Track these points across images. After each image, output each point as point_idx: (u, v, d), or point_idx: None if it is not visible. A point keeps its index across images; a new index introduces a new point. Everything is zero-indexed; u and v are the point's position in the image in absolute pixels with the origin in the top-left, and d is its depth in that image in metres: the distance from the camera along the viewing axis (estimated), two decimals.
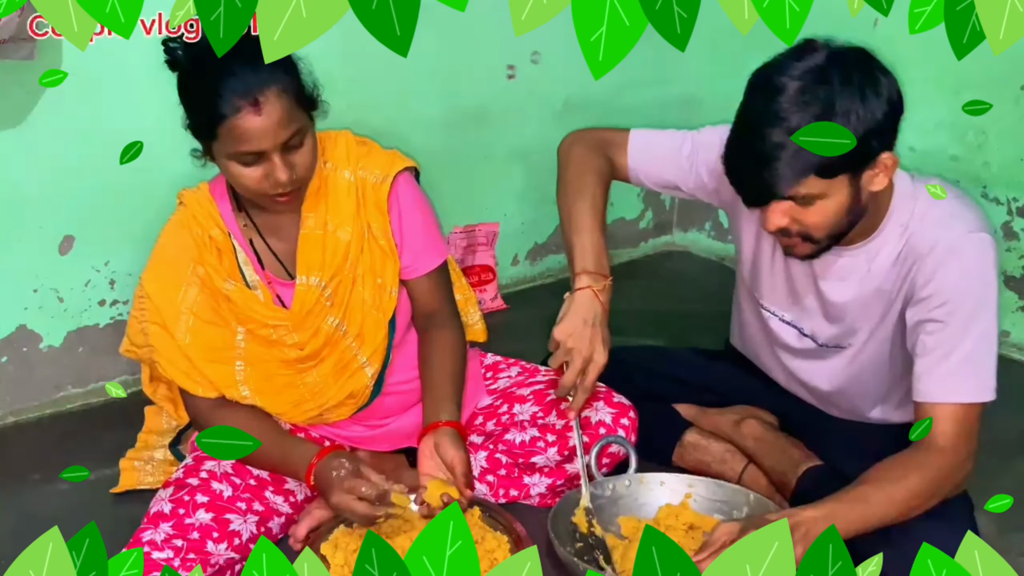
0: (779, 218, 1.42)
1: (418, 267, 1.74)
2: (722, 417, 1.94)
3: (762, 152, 1.34)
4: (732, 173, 1.43)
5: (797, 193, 1.37)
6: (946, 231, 1.48)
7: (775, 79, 1.35)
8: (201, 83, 1.46)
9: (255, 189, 1.52)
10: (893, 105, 1.38)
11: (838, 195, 1.39)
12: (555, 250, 3.19)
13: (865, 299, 1.61)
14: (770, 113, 1.33)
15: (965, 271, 1.47)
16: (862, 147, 1.34)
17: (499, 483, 1.84)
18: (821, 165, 1.33)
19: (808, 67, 1.34)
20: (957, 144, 2.58)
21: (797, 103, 1.32)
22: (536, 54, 2.87)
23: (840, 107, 1.32)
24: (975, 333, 1.47)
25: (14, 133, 2.07)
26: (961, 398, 1.46)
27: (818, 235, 1.45)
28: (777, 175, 1.35)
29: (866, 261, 1.57)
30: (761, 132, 1.34)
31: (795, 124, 1.32)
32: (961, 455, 1.46)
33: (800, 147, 1.30)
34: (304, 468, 1.59)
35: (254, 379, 1.68)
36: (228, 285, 1.63)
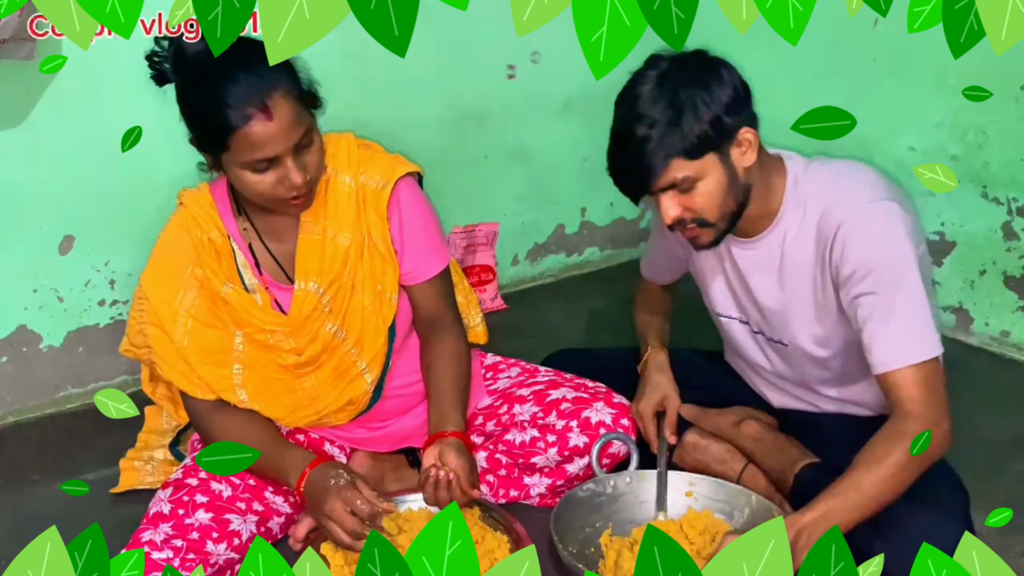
0: (671, 209, 1.54)
1: (420, 273, 1.72)
2: (721, 417, 1.94)
3: (631, 148, 1.51)
4: (616, 178, 1.58)
5: (673, 179, 1.51)
6: (847, 208, 1.55)
7: (632, 90, 1.53)
8: (204, 94, 1.43)
9: (270, 195, 1.50)
10: (737, 88, 1.53)
11: (713, 175, 1.52)
12: (555, 250, 3.20)
13: (793, 288, 1.66)
14: (632, 116, 1.51)
15: (874, 240, 1.52)
16: (716, 126, 1.49)
17: (499, 483, 1.84)
18: (684, 148, 1.49)
19: (656, 73, 1.52)
20: (957, 144, 2.58)
21: (651, 100, 1.50)
22: (536, 54, 2.87)
23: (685, 96, 1.49)
24: (904, 295, 1.51)
25: (14, 133, 2.07)
26: (913, 359, 1.49)
27: (711, 217, 1.55)
28: (648, 164, 1.50)
29: (777, 247, 1.65)
30: (627, 133, 1.51)
31: (654, 118, 1.49)
32: (934, 414, 1.47)
33: (663, 136, 1.48)
34: (296, 474, 1.56)
35: (252, 383, 1.67)
36: (226, 288, 1.63)
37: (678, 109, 1.48)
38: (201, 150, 1.52)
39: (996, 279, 2.59)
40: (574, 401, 1.81)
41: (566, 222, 3.20)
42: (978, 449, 1.95)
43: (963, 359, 2.43)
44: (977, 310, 2.63)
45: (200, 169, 1.57)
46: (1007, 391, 2.35)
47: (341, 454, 1.84)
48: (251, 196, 1.54)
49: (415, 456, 1.87)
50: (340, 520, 1.48)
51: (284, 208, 1.55)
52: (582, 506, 1.70)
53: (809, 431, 1.84)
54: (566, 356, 2.10)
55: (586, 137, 3.08)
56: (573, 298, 3.01)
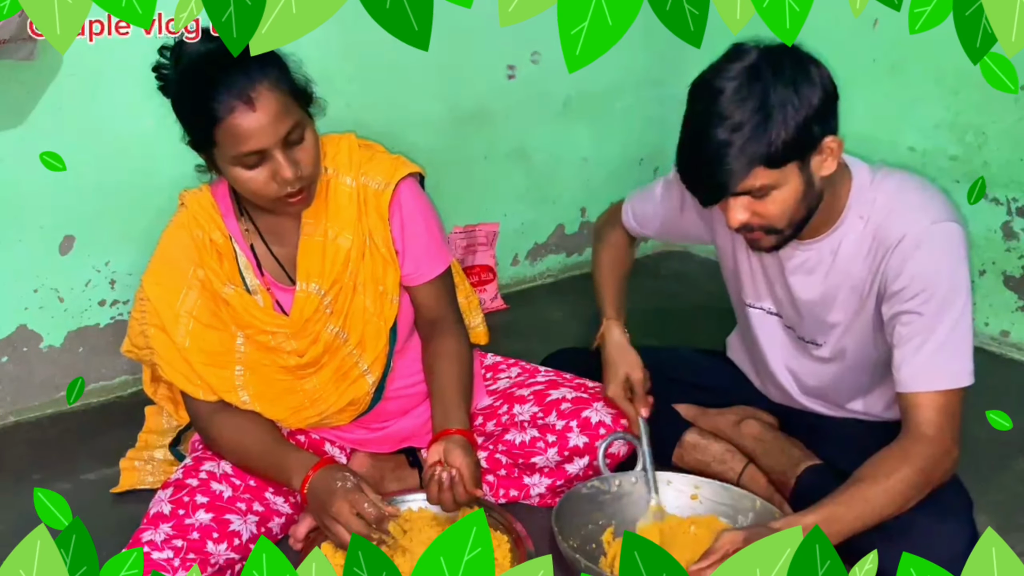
0: (740, 214, 1.47)
1: (421, 274, 1.72)
2: (722, 417, 1.94)
3: (710, 151, 1.40)
4: (686, 177, 1.49)
5: (751, 186, 1.42)
6: (911, 223, 1.51)
7: (713, 83, 1.41)
8: (191, 92, 1.45)
9: (264, 193, 1.50)
10: (827, 91, 1.43)
11: (791, 183, 1.44)
12: (555, 250, 3.20)
13: (835, 293, 1.64)
14: (712, 114, 1.40)
15: (933, 261, 1.49)
16: (803, 134, 1.40)
17: (499, 483, 1.84)
18: (767, 156, 1.39)
19: (742, 67, 1.40)
20: (957, 144, 2.58)
21: (735, 101, 1.39)
22: (536, 54, 2.87)
23: (776, 99, 1.38)
24: (949, 321, 1.49)
25: (14, 133, 2.07)
26: (940, 385, 1.48)
27: (779, 225, 1.49)
28: (727, 171, 1.40)
29: (829, 253, 1.61)
30: (707, 133, 1.40)
31: (737, 120, 1.38)
32: (947, 442, 1.48)
33: (746, 141, 1.37)
34: (300, 475, 1.55)
35: (253, 384, 1.67)
36: (228, 289, 1.62)
37: (766, 114, 1.37)
38: (195, 149, 1.52)
39: (996, 279, 2.59)
40: (574, 401, 1.81)
41: (566, 222, 3.20)
42: (978, 449, 1.95)
43: None
44: (977, 310, 2.63)
45: (198, 171, 1.57)
46: (1007, 391, 2.35)
47: (341, 454, 1.84)
48: (247, 195, 1.54)
49: (415, 456, 1.87)
50: (347, 522, 1.48)
51: (283, 208, 1.55)
52: (585, 502, 1.70)
53: (810, 431, 1.84)
54: (566, 356, 2.10)
55: (586, 137, 3.09)
56: (573, 298, 3.01)
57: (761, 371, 1.91)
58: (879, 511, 1.42)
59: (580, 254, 3.25)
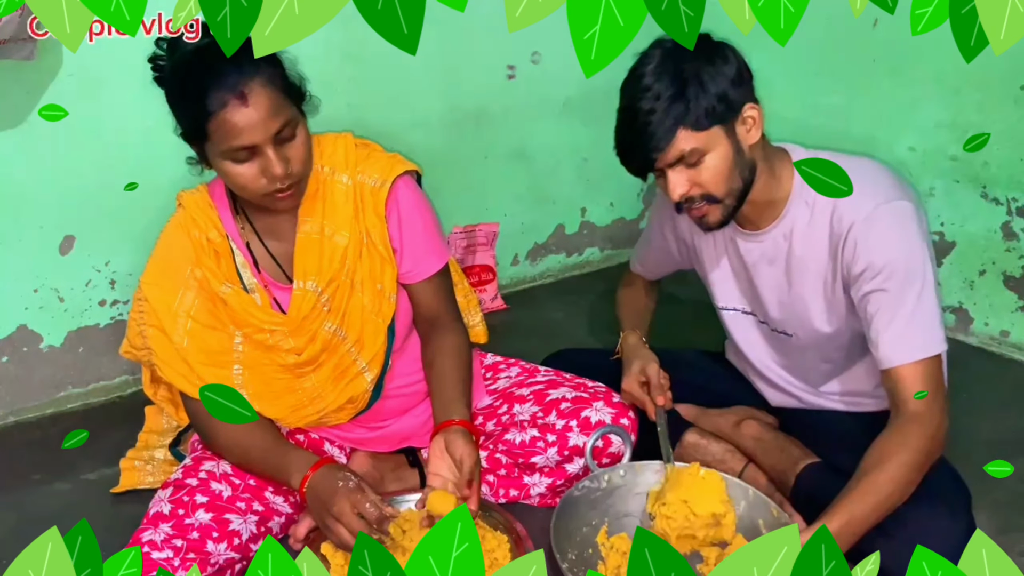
0: (679, 185, 1.56)
1: (419, 271, 1.73)
2: (722, 417, 1.94)
3: (637, 122, 1.53)
4: (621, 152, 1.60)
5: (681, 151, 1.52)
6: (858, 208, 1.56)
7: (636, 70, 1.55)
8: (186, 85, 1.45)
9: (253, 188, 1.51)
10: (740, 66, 1.54)
11: (719, 149, 1.53)
12: (555, 250, 3.20)
13: (800, 280, 1.67)
14: (637, 91, 1.53)
15: (887, 240, 1.54)
16: (721, 99, 1.51)
17: (499, 483, 1.84)
18: (688, 118, 1.50)
19: (658, 52, 1.54)
20: (957, 144, 2.58)
21: (654, 76, 1.52)
22: (536, 54, 2.87)
23: (690, 70, 1.50)
24: (913, 292, 1.53)
25: (14, 133, 2.07)
26: (915, 356, 1.51)
27: (719, 192, 1.56)
28: (654, 135, 1.51)
29: (783, 239, 1.66)
30: (633, 108, 1.53)
31: (656, 90, 1.51)
32: (937, 415, 1.50)
33: (668, 106, 1.49)
34: (300, 474, 1.55)
35: (252, 383, 1.67)
36: (225, 289, 1.63)
37: (683, 81, 1.50)
38: (187, 141, 1.53)
39: (996, 279, 2.59)
40: (574, 401, 1.81)
41: (566, 222, 3.20)
42: (978, 449, 1.95)
43: (963, 359, 2.43)
44: (977, 310, 2.63)
45: (189, 163, 1.57)
46: (1007, 391, 2.35)
47: (341, 454, 1.84)
48: (236, 190, 1.54)
49: (415, 456, 1.87)
50: (348, 522, 1.47)
51: (271, 203, 1.55)
52: (579, 505, 1.69)
53: (809, 431, 1.84)
54: (566, 356, 2.11)
55: (586, 137, 3.08)
56: (573, 298, 3.01)
57: (750, 372, 1.93)
58: (890, 499, 1.44)
59: (580, 254, 3.26)
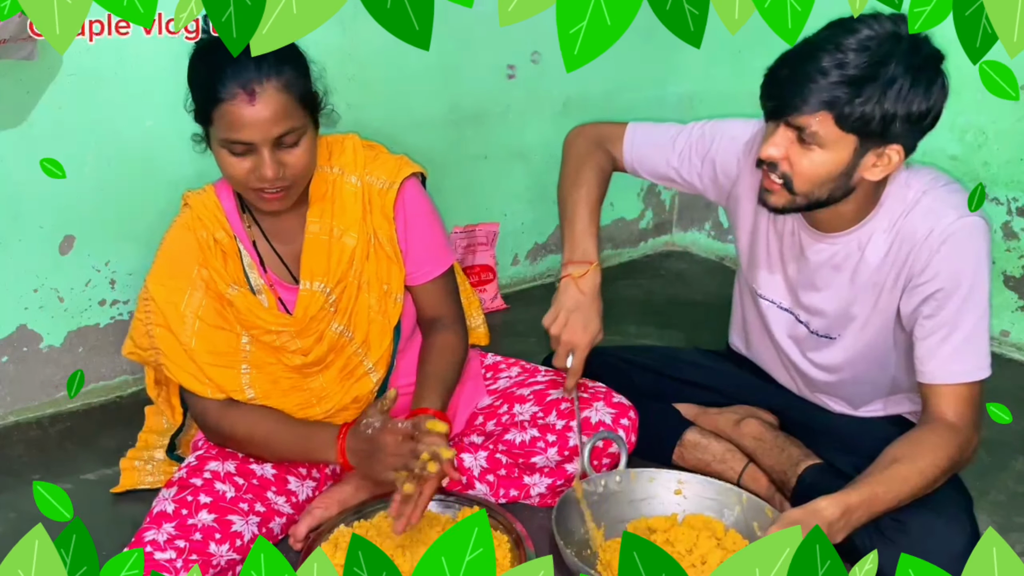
0: (777, 149, 1.46)
1: (423, 273, 1.73)
2: (722, 417, 1.94)
3: (805, 69, 1.39)
4: (769, 77, 1.46)
5: (807, 124, 1.41)
6: (939, 219, 1.52)
7: (854, 22, 1.39)
8: (206, 65, 1.47)
9: (241, 181, 1.51)
10: (932, 111, 1.42)
11: (837, 153, 1.43)
12: (555, 250, 3.19)
13: (857, 288, 1.64)
14: (833, 42, 1.38)
15: (960, 256, 1.51)
16: (885, 122, 1.39)
17: (499, 483, 1.84)
18: (842, 111, 1.38)
19: (886, 32, 1.38)
20: (957, 144, 2.58)
21: (860, 46, 1.37)
22: (536, 54, 2.87)
23: (891, 72, 1.36)
24: (971, 315, 1.52)
25: (14, 133, 2.07)
26: (964, 378, 1.53)
27: (799, 186, 1.49)
28: (805, 93, 1.39)
29: (858, 248, 1.62)
30: (815, 54, 1.38)
31: (846, 61, 1.36)
32: (971, 430, 1.53)
33: (837, 84, 1.36)
34: (333, 450, 1.58)
35: (260, 383, 1.67)
36: (231, 290, 1.63)
37: (874, 75, 1.36)
38: (196, 121, 1.53)
39: (996, 279, 2.59)
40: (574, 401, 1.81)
41: None
42: (978, 449, 1.95)
43: None
44: None
45: (193, 140, 1.58)
46: (1007, 391, 2.35)
47: None
48: (226, 178, 1.55)
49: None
50: (399, 451, 1.49)
51: (258, 201, 1.56)
52: (577, 507, 1.69)
53: (809, 431, 1.84)
54: None
55: None
56: None
57: (768, 362, 1.91)
58: (911, 493, 1.46)
59: None
